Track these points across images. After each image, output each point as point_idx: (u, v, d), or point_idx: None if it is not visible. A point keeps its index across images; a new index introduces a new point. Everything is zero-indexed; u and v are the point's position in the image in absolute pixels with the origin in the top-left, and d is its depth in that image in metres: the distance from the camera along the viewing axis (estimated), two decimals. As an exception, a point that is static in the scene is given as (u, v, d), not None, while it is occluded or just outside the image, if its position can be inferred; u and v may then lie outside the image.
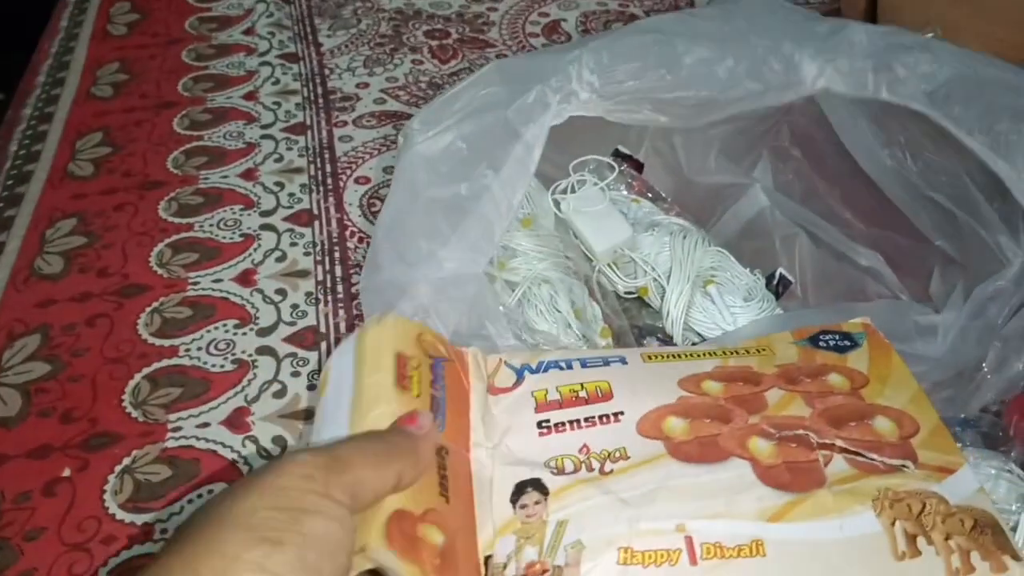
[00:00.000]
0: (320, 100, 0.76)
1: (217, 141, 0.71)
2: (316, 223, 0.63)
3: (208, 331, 0.54)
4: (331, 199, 0.65)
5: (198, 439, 0.48)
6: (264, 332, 0.54)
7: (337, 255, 0.60)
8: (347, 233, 0.62)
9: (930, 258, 0.57)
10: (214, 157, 0.69)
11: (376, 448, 0.30)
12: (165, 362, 0.52)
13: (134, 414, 0.49)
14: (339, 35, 0.86)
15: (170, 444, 0.47)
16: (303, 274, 0.58)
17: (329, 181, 0.67)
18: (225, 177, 0.67)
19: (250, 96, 0.77)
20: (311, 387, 0.51)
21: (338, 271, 0.59)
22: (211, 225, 0.63)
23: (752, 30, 0.47)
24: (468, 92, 0.50)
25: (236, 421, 0.49)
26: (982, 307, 0.50)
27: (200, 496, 0.45)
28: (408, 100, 0.77)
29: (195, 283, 0.58)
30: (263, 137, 0.72)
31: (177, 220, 0.63)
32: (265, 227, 0.63)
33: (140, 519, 0.44)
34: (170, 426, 0.48)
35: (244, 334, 0.54)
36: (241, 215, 0.63)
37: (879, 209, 0.57)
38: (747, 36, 0.46)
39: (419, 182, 0.47)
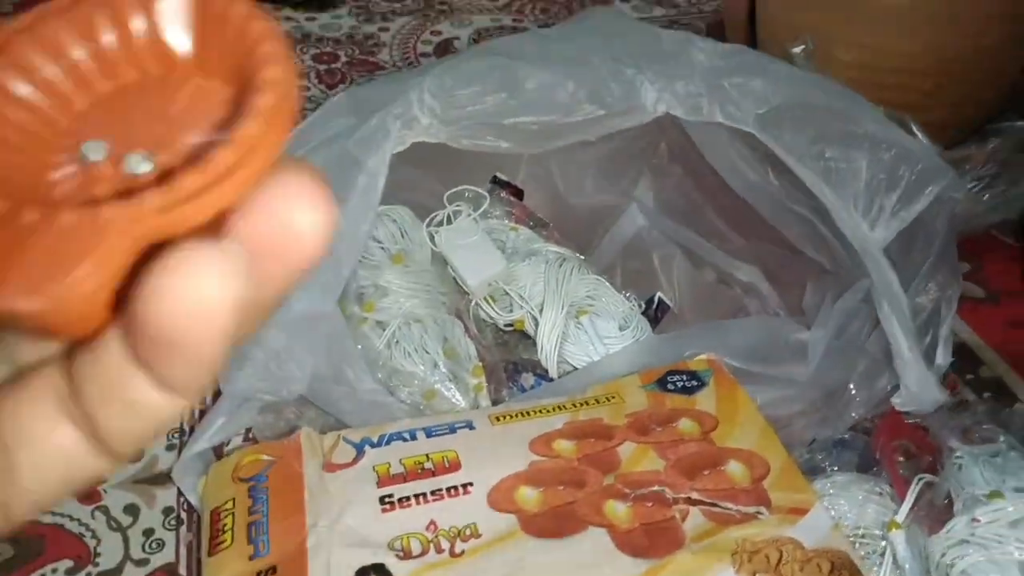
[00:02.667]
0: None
1: None
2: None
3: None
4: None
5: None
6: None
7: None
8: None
9: (804, 269, 0.57)
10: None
11: None
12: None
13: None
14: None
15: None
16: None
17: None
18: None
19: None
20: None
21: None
22: None
23: (596, 51, 0.46)
24: (317, 124, 0.49)
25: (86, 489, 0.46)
26: (845, 323, 0.50)
27: None
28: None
29: None
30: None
31: None
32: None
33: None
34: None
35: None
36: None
37: (756, 222, 0.57)
38: (590, 58, 0.45)
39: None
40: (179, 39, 0.17)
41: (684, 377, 0.42)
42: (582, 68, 0.45)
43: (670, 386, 0.41)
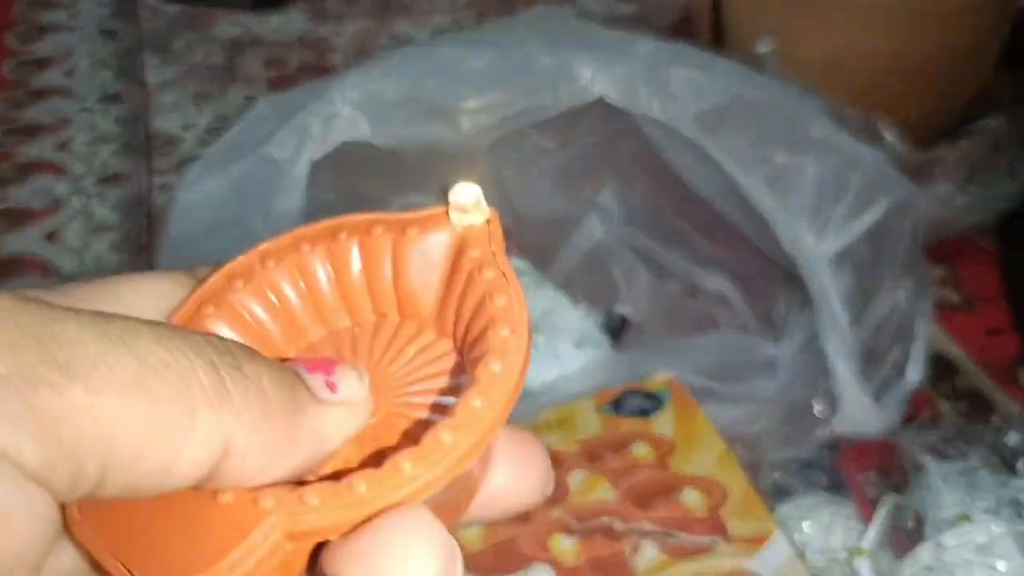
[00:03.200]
0: (138, 145, 0.71)
1: (23, 201, 0.65)
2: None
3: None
4: (143, 259, 0.60)
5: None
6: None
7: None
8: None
9: (775, 276, 0.54)
10: (17, 218, 0.63)
11: (185, 371, 0.14)
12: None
13: None
14: (168, 70, 0.80)
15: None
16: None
17: (144, 238, 0.61)
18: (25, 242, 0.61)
19: (62, 147, 0.70)
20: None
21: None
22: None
23: (530, 41, 0.43)
24: (239, 135, 0.46)
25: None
26: (813, 336, 0.47)
27: None
28: (239, 139, 0.71)
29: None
30: (74, 193, 0.66)
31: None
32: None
33: None
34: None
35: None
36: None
37: (724, 228, 0.54)
38: (524, 44, 0.42)
39: (189, 238, 0.42)
40: (424, 292, 0.17)
41: (641, 398, 0.39)
42: (515, 51, 0.42)
43: (626, 408, 0.39)
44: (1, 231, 0.62)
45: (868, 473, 0.45)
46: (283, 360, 0.15)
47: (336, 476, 0.14)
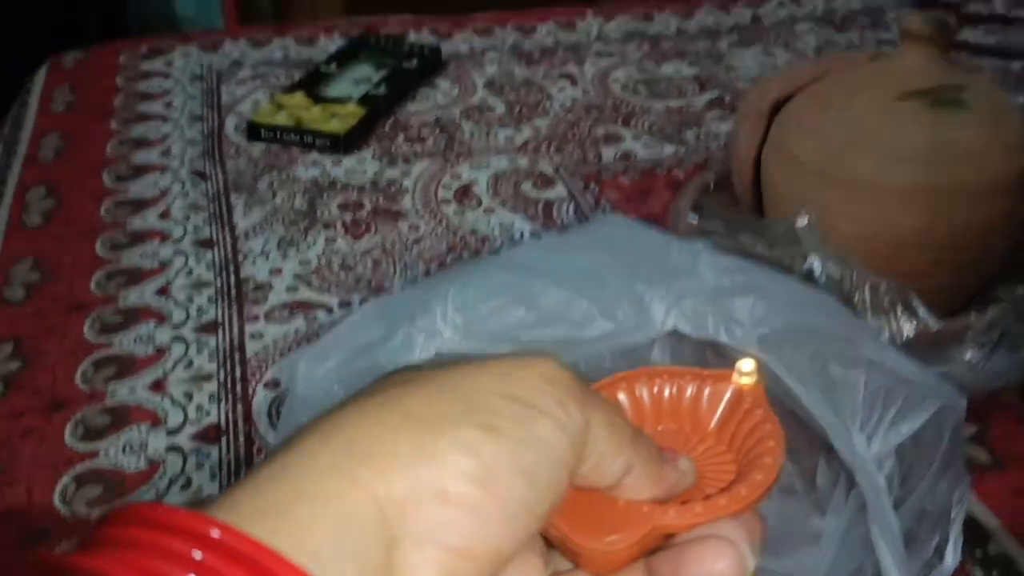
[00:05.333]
0: (233, 291, 0.78)
1: (127, 348, 0.72)
2: (224, 439, 0.64)
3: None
4: (240, 408, 0.66)
5: None
6: None
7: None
8: (255, 449, 0.63)
9: (816, 438, 0.59)
10: (123, 366, 0.70)
11: (623, 424, 0.26)
12: None
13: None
14: (254, 212, 0.88)
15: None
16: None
17: (239, 388, 0.68)
18: (132, 391, 0.68)
19: (162, 291, 0.78)
20: None
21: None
22: (115, 452, 0.63)
23: (607, 265, 0.49)
24: (348, 333, 0.52)
25: None
26: (858, 510, 0.51)
27: None
28: (320, 286, 0.78)
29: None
30: (174, 339, 0.73)
31: (83, 446, 0.63)
32: (172, 448, 0.63)
33: None
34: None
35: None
36: (148, 435, 0.64)
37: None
38: (602, 273, 0.49)
39: (300, 419, 0.48)
40: (712, 415, 0.30)
41: None
42: (594, 283, 0.48)
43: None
44: (108, 379, 0.69)
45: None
46: None
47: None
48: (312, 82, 1.05)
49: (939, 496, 0.49)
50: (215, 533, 0.19)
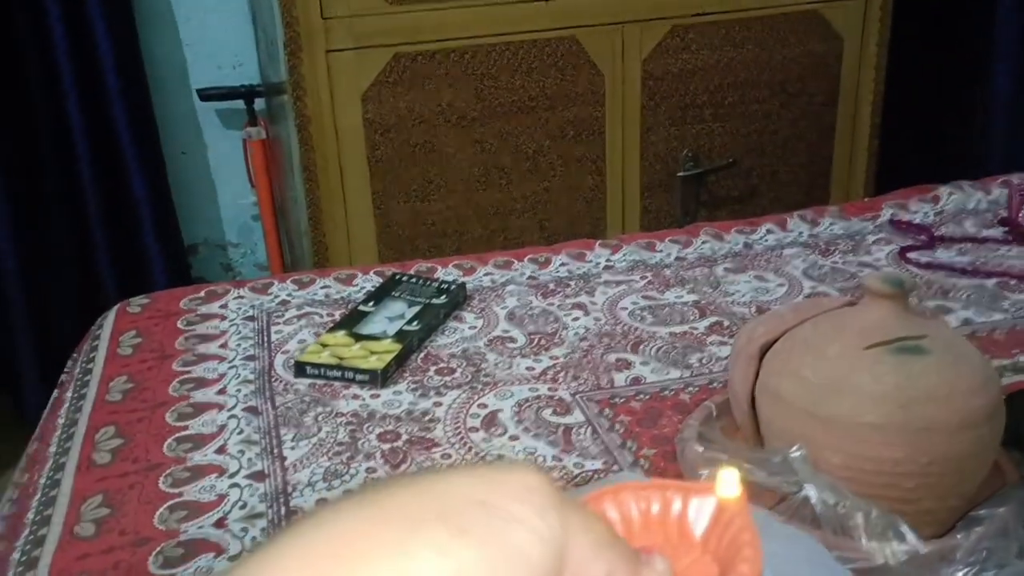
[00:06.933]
0: (283, 522, 0.85)
1: (188, 582, 0.79)
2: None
3: None
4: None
5: None
6: None
7: None
8: None
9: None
10: (185, 600, 0.76)
11: (601, 528, 0.28)
12: None
13: None
14: (302, 445, 0.97)
15: None
16: None
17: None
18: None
19: (219, 523, 0.85)
20: None
21: None
22: None
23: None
24: None
25: None
26: None
27: None
28: (362, 516, 0.86)
29: None
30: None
31: None
32: None
33: None
34: None
35: None
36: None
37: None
38: None
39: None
40: (697, 527, 0.32)
41: None
42: None
43: None
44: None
45: None
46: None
47: None
48: (352, 321, 1.18)
49: None
50: None
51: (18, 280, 2.03)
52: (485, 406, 1.04)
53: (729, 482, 0.31)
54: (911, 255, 1.36)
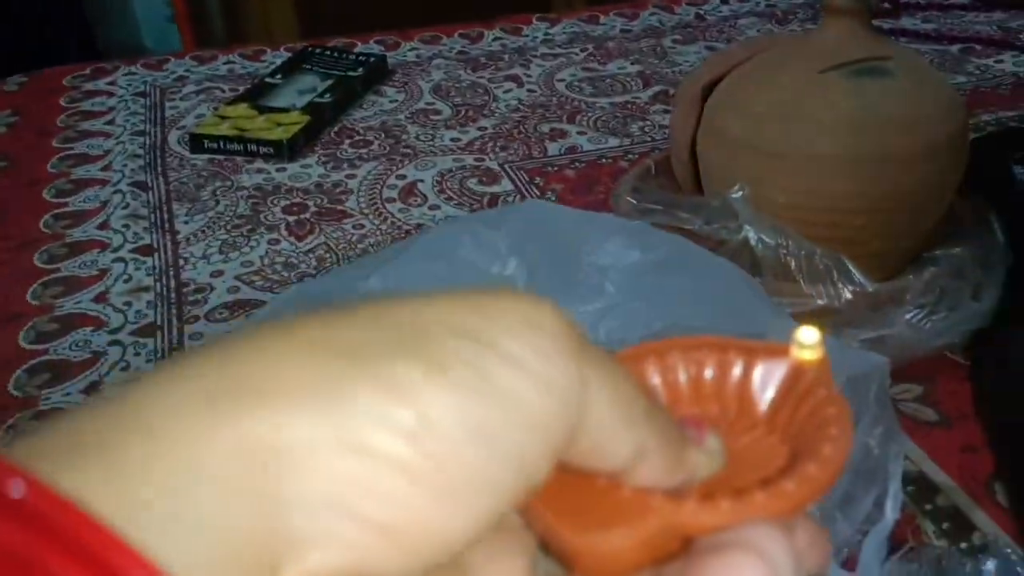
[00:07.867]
0: (172, 295, 0.77)
1: (62, 353, 0.70)
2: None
3: None
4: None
5: None
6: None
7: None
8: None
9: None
10: (58, 373, 0.68)
11: (634, 393, 0.19)
12: None
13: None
14: (197, 219, 0.87)
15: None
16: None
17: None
18: (66, 396, 0.66)
19: (100, 298, 0.76)
20: None
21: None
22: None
23: (530, 238, 0.49)
24: (271, 313, 0.51)
25: None
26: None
27: None
28: (262, 285, 0.77)
29: None
30: (110, 344, 0.71)
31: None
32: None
33: None
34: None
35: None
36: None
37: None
38: (524, 245, 0.48)
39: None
40: (763, 398, 0.24)
41: None
42: (520, 254, 0.48)
43: None
44: (41, 386, 0.67)
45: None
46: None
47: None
48: (256, 93, 1.05)
49: (872, 454, 0.49)
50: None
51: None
52: (404, 177, 0.94)
53: (809, 341, 0.24)
54: (875, 22, 1.25)
